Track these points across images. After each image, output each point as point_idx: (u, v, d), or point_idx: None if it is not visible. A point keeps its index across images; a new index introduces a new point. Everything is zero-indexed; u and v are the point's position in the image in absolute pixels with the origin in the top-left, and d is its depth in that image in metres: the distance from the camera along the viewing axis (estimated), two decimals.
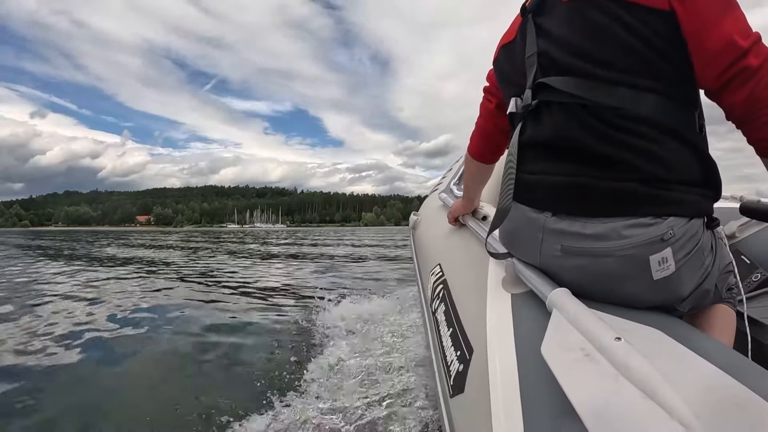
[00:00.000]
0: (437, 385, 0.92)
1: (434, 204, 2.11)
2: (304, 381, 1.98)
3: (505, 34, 0.94)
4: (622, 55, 0.68)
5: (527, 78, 0.81)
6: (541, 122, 0.79)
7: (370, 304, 3.43)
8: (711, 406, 0.40)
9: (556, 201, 0.75)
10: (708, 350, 0.53)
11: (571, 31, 0.73)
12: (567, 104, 0.73)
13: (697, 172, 0.71)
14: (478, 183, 1.30)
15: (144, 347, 2.77)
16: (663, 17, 0.65)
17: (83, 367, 2.41)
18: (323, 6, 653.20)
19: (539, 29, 0.79)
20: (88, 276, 6.43)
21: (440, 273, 1.28)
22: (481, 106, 1.10)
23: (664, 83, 0.68)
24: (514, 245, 0.87)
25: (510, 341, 0.68)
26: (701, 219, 0.72)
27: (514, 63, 0.87)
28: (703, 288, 0.77)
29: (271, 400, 1.79)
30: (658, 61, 0.67)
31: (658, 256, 0.68)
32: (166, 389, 2.12)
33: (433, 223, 1.86)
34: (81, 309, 3.91)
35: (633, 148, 0.68)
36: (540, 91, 0.78)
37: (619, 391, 0.44)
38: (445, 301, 1.08)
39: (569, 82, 0.72)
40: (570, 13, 0.74)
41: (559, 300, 0.65)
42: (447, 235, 1.52)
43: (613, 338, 0.50)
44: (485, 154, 1.15)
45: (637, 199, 0.68)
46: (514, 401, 0.56)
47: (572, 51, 0.73)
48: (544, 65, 0.77)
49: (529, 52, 0.80)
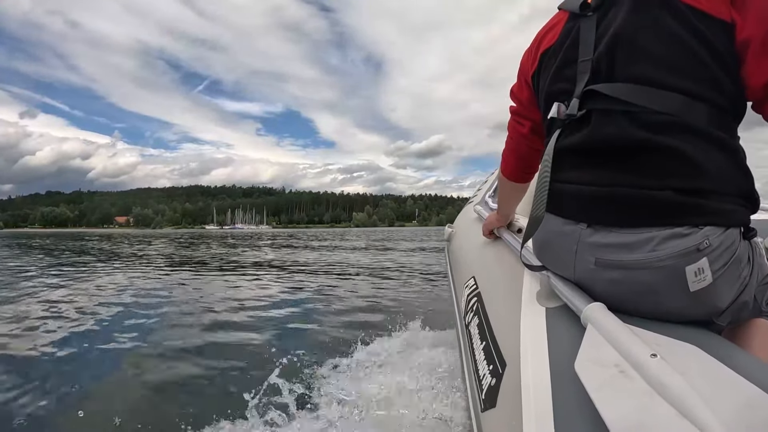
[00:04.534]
0: (469, 399, 0.91)
1: (469, 216, 2.10)
2: (326, 392, 1.96)
3: (543, 39, 0.89)
4: (684, 59, 0.67)
5: (576, 84, 0.77)
6: (579, 129, 0.77)
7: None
8: (749, 426, 0.38)
9: (591, 212, 0.74)
10: (748, 368, 0.50)
11: (635, 30, 0.71)
12: (609, 110, 0.72)
13: (735, 183, 0.69)
14: (512, 199, 1.29)
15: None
16: (725, 28, 0.66)
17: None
18: (318, 8, 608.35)
19: (599, 29, 0.76)
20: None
21: (474, 286, 1.28)
22: (510, 128, 1.07)
23: (718, 92, 0.67)
24: (548, 257, 0.86)
25: (544, 356, 0.67)
26: (738, 229, 0.69)
27: (561, 68, 0.82)
28: (741, 300, 0.73)
29: (302, 404, 1.79)
30: (716, 69, 0.67)
31: (694, 266, 0.65)
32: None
33: (467, 236, 1.86)
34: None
35: (674, 156, 0.66)
36: (588, 99, 0.75)
37: (653, 409, 0.43)
38: (478, 314, 1.07)
39: (621, 88, 0.70)
40: (634, 9, 0.71)
41: (593, 315, 0.64)
42: (481, 248, 1.51)
43: (648, 355, 0.49)
44: (519, 175, 1.13)
45: (674, 208, 0.66)
46: (546, 417, 0.56)
47: (632, 53, 0.71)
48: (598, 70, 0.75)
49: (584, 56, 0.77)
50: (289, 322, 3.84)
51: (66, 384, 2.38)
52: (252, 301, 4.83)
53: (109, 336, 3.40)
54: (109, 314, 4.18)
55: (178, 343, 3.17)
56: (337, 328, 3.49)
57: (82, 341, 3.26)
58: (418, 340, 2.65)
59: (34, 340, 3.25)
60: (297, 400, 1.91)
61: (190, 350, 3.01)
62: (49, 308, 4.47)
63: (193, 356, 2.88)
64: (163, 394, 2.27)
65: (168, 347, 3.08)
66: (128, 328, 3.64)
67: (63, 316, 4.12)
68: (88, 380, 2.49)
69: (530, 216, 0.82)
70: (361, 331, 2.90)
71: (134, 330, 3.58)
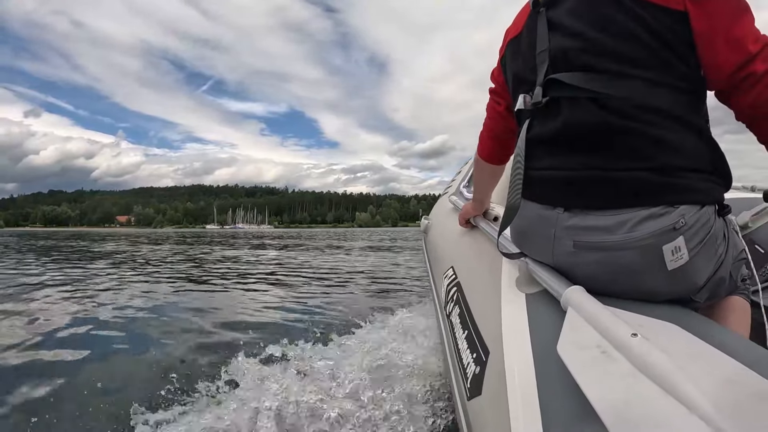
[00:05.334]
0: (454, 388, 0.91)
1: (445, 207, 2.11)
2: (313, 377, 1.93)
3: (511, 29, 0.93)
4: (635, 49, 0.68)
5: (537, 74, 0.80)
6: (549, 118, 0.78)
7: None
8: (732, 400, 0.39)
9: (568, 195, 0.75)
10: (727, 343, 0.52)
11: (584, 24, 0.73)
12: (577, 98, 0.73)
13: (707, 161, 0.71)
14: (488, 184, 1.30)
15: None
16: (677, 17, 0.66)
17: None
18: (323, 9, 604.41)
19: (551, 23, 0.78)
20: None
21: (453, 275, 1.28)
22: (488, 108, 1.09)
23: (674, 77, 0.69)
24: (526, 244, 0.87)
25: (526, 342, 0.67)
26: (713, 207, 0.71)
27: (523, 59, 0.85)
28: (717, 276, 0.76)
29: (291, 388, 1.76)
30: (671, 57, 0.68)
31: (671, 245, 0.67)
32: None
33: (444, 226, 1.86)
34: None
35: (644, 137, 0.68)
36: (550, 88, 0.77)
37: (637, 388, 0.44)
38: (459, 304, 1.07)
39: (582, 77, 0.72)
40: (583, 6, 0.74)
41: (573, 298, 0.65)
42: (459, 238, 1.52)
43: (629, 334, 0.50)
44: (495, 156, 1.15)
45: (649, 188, 0.68)
46: (532, 402, 0.56)
47: (585, 45, 0.72)
48: (555, 60, 0.77)
49: (541, 47, 0.79)
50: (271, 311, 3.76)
51: (75, 380, 2.27)
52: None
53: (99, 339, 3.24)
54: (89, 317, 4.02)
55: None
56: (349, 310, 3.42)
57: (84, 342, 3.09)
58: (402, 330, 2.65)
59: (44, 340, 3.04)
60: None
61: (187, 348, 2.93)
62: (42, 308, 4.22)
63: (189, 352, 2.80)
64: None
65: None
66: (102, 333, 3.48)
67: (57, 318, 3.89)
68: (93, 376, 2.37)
69: (507, 205, 0.83)
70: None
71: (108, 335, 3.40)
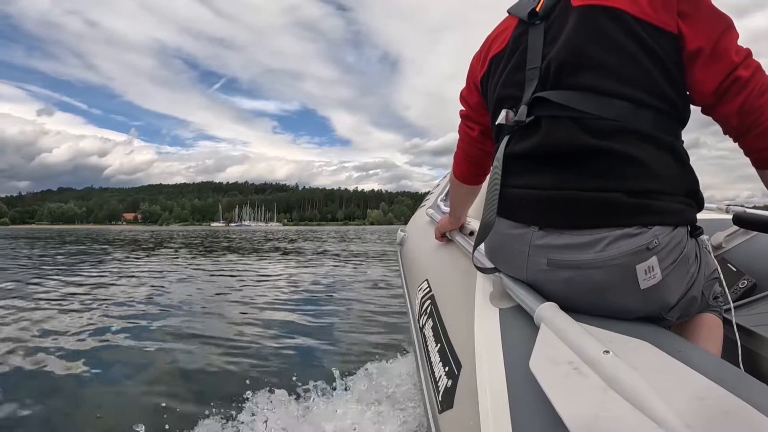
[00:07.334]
0: (425, 401, 0.90)
1: (421, 220, 2.12)
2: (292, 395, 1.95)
3: (491, 44, 0.90)
4: (629, 69, 0.70)
5: (525, 92, 0.79)
6: (527, 135, 0.78)
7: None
8: (701, 416, 0.40)
9: (543, 215, 0.76)
10: (697, 360, 0.53)
11: (584, 40, 0.72)
12: (558, 117, 0.74)
13: (682, 183, 0.73)
14: (465, 203, 1.30)
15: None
16: (670, 39, 0.69)
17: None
18: (335, 7, 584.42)
19: (548, 37, 0.77)
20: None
21: (428, 288, 1.28)
22: (461, 132, 1.08)
23: (661, 100, 0.71)
24: (500, 260, 0.87)
25: (498, 356, 0.67)
26: (685, 227, 0.74)
27: (509, 75, 0.83)
28: (689, 295, 0.78)
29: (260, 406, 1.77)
30: (659, 77, 0.70)
31: (644, 265, 0.68)
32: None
33: (420, 239, 1.86)
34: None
35: (620, 158, 0.69)
36: (536, 106, 0.77)
37: (608, 403, 0.44)
38: (432, 317, 1.07)
39: (569, 96, 0.72)
40: (583, 21, 0.73)
41: (546, 314, 0.65)
42: (434, 251, 1.52)
43: (601, 351, 0.50)
44: (471, 177, 1.15)
45: (623, 209, 0.69)
46: (503, 416, 0.56)
47: (579, 62, 0.73)
48: (544, 78, 0.76)
49: (532, 63, 0.78)
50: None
51: (80, 384, 2.35)
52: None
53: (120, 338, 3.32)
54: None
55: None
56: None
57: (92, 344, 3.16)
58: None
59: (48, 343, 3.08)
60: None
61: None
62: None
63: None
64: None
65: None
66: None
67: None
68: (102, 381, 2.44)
69: (481, 221, 0.83)
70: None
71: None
